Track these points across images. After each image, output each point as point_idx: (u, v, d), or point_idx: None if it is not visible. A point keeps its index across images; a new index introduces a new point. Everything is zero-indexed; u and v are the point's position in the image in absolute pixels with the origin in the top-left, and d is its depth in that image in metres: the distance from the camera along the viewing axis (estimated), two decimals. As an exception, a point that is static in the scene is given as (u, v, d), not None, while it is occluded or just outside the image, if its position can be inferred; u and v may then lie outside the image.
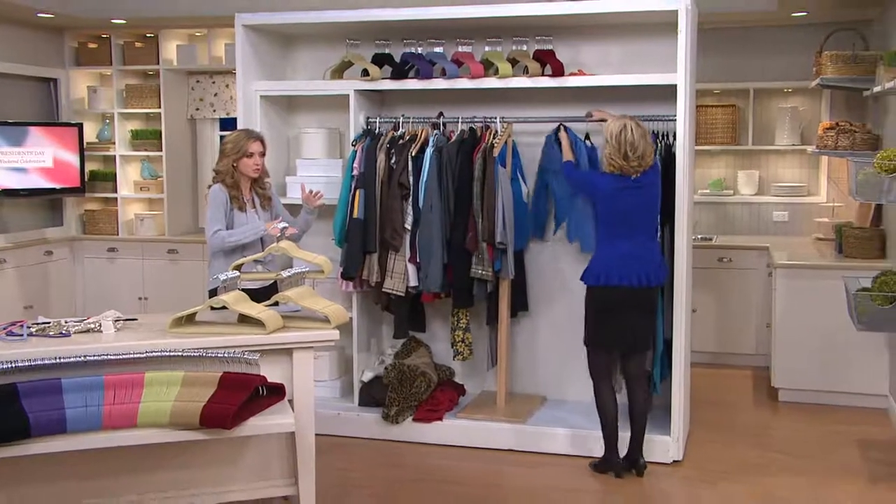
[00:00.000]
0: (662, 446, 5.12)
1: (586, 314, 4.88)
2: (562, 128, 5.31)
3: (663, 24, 5.13)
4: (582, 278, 4.85)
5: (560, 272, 5.69)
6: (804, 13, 6.85)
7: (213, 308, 4.16)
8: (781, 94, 7.54)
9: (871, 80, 5.91)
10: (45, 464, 3.78)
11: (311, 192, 5.29)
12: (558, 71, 5.27)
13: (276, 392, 3.87)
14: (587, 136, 5.43)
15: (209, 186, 5.11)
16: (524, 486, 4.88)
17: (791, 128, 7.40)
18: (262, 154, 5.07)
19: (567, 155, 5.11)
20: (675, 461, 5.12)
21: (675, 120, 5.05)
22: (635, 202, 4.73)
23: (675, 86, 5.00)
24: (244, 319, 4.10)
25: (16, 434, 3.46)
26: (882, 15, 6.63)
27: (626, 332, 4.79)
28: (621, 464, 4.90)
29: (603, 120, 5.01)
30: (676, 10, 4.95)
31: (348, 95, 5.56)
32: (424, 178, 5.35)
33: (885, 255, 6.16)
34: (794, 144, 7.41)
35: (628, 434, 4.94)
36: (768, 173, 7.65)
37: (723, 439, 5.55)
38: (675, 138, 5.09)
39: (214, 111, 8.21)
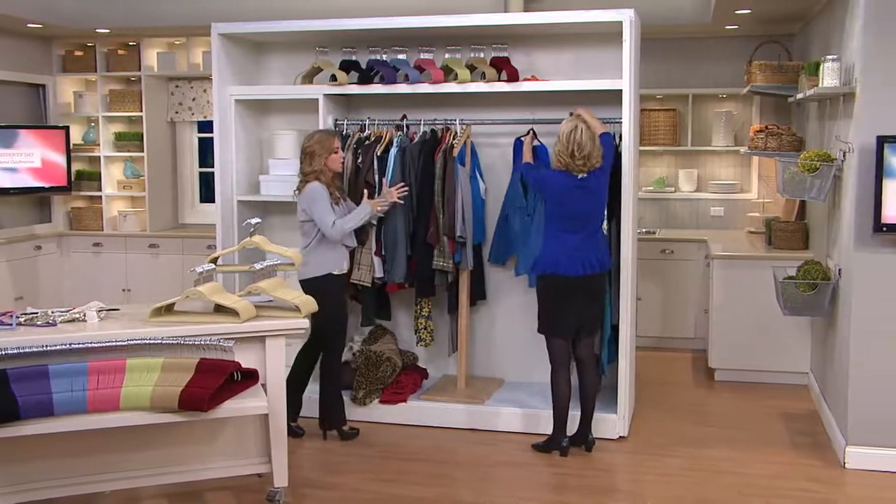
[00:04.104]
0: (610, 423, 5.14)
1: (539, 303, 4.88)
2: (531, 131, 5.24)
3: (610, 35, 5.14)
4: (532, 269, 4.84)
5: (515, 264, 5.68)
6: (736, 26, 6.92)
7: (188, 297, 4.10)
8: (717, 100, 7.60)
9: (794, 87, 5.97)
10: (34, 445, 3.73)
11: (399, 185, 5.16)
12: (513, 77, 5.27)
13: (250, 377, 3.85)
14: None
15: (299, 189, 4.99)
16: (480, 461, 4.88)
17: (726, 130, 7.46)
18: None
19: (527, 157, 5.07)
20: (621, 437, 5.15)
21: (621, 122, 5.07)
22: (582, 200, 4.71)
23: (621, 91, 5.02)
24: (220, 309, 4.06)
25: (6, 416, 3.45)
26: (803, 29, 6.73)
27: (574, 317, 4.78)
28: (567, 443, 4.89)
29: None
30: (621, 22, 4.97)
31: (318, 99, 5.52)
32: (389, 177, 5.31)
33: (808, 246, 6.24)
34: (728, 146, 7.48)
35: (578, 413, 4.94)
36: (706, 172, 7.70)
37: (665, 416, 5.59)
38: (620, 139, 5.10)
39: (193, 114, 8.11)
